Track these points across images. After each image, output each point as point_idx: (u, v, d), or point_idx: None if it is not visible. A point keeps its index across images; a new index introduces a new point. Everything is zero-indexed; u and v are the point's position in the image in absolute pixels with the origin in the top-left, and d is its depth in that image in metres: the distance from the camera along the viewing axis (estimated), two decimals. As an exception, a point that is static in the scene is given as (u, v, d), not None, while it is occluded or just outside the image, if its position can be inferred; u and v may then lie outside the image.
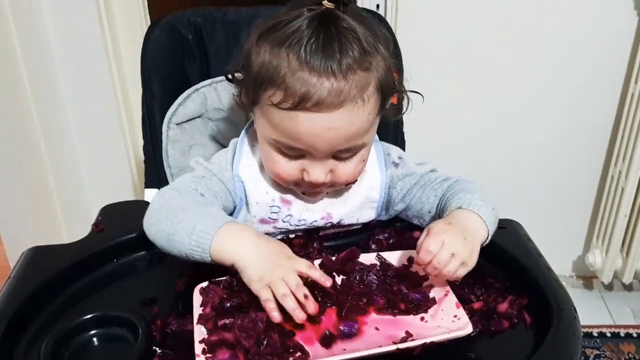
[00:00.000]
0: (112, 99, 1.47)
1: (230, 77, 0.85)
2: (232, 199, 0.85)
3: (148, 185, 1.04)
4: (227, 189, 0.84)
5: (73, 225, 1.58)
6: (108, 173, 1.58)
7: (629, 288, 1.80)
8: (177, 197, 0.78)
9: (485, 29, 1.42)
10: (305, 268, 0.70)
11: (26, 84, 1.37)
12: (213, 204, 0.80)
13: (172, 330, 0.69)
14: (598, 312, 1.73)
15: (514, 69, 1.47)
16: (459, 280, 0.72)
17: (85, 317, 0.69)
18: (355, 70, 0.72)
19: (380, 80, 0.75)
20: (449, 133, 1.54)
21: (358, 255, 0.77)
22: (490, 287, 0.75)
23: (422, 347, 0.64)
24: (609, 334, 1.64)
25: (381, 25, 0.96)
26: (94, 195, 1.60)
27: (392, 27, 1.22)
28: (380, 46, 0.76)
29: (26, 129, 1.41)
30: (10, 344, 0.67)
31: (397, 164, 0.89)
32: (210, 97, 1.00)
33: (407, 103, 0.85)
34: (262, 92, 0.75)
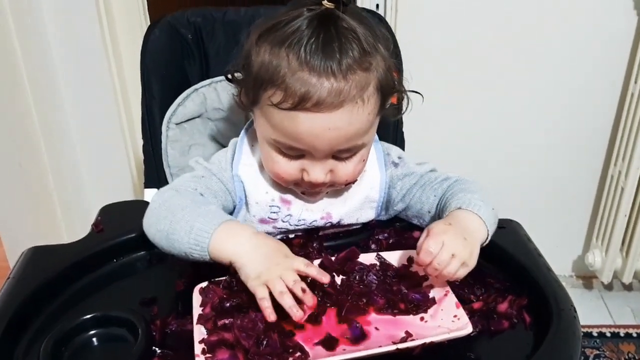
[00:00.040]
0: (111, 99, 1.48)
1: (230, 77, 0.85)
2: (231, 198, 0.85)
3: (148, 185, 1.04)
4: (226, 188, 0.84)
5: (73, 225, 1.58)
6: (108, 173, 1.58)
7: (628, 288, 1.80)
8: (176, 197, 0.78)
9: (484, 29, 1.42)
10: (303, 266, 0.70)
11: (26, 84, 1.37)
12: (212, 203, 0.80)
13: (171, 331, 0.69)
14: (598, 312, 1.73)
15: (513, 70, 1.47)
16: (459, 280, 0.72)
17: (85, 317, 0.69)
18: (355, 70, 0.72)
19: (380, 80, 0.75)
20: (448, 133, 1.54)
21: (358, 255, 0.77)
22: (490, 287, 0.75)
23: (421, 347, 0.64)
24: (608, 334, 1.64)
25: (381, 25, 0.96)
26: (94, 195, 1.60)
27: (392, 27, 1.22)
28: (380, 46, 0.76)
29: (26, 129, 1.41)
30: (10, 344, 0.67)
31: (397, 164, 0.89)
32: (209, 97, 1.00)
33: (407, 103, 0.85)
34: (262, 92, 0.75)
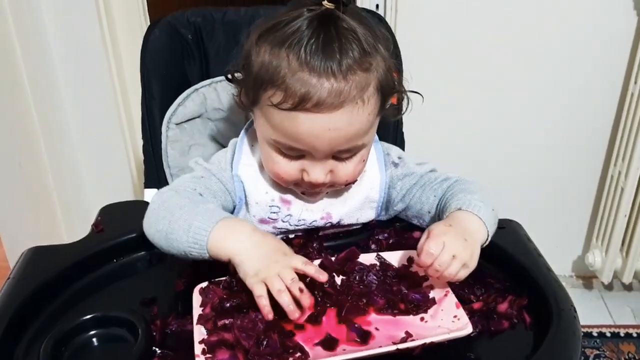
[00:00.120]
0: (111, 99, 1.48)
1: (230, 77, 0.85)
2: (231, 198, 0.85)
3: (148, 185, 1.04)
4: (226, 188, 0.84)
5: (73, 225, 1.58)
6: (108, 173, 1.58)
7: (628, 288, 1.79)
8: (174, 197, 0.78)
9: (484, 29, 1.42)
10: (301, 264, 0.70)
11: (26, 84, 1.37)
12: (210, 202, 0.80)
13: (171, 331, 0.69)
14: (598, 312, 1.73)
15: (513, 70, 1.47)
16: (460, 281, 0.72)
17: (85, 318, 0.69)
18: (355, 70, 0.72)
19: (380, 81, 0.75)
20: (448, 134, 1.54)
21: (358, 256, 0.77)
22: (490, 287, 0.75)
23: (422, 347, 0.64)
24: (608, 334, 1.64)
25: (381, 25, 0.96)
26: (94, 195, 1.60)
27: (392, 27, 1.22)
28: (380, 46, 0.76)
29: (26, 129, 1.41)
30: (10, 344, 0.67)
31: (397, 164, 0.89)
32: (209, 97, 1.00)
33: (407, 103, 0.85)
34: (262, 92, 0.75)
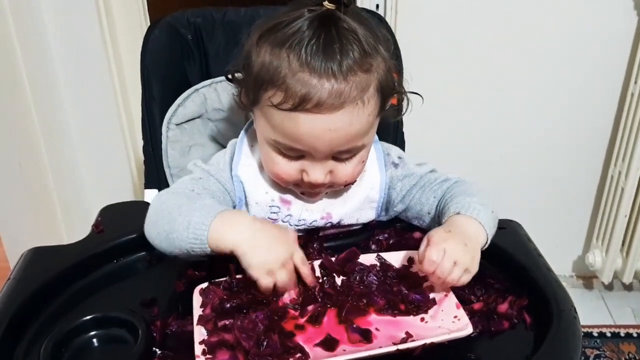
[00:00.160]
0: (112, 99, 1.47)
1: (230, 77, 0.85)
2: (230, 198, 0.85)
3: (148, 185, 1.04)
4: (224, 188, 0.84)
5: (73, 225, 1.58)
6: (108, 173, 1.58)
7: (629, 288, 1.79)
8: (172, 198, 0.78)
9: (484, 29, 1.42)
10: (299, 260, 0.72)
11: (26, 84, 1.37)
12: (207, 198, 0.80)
13: (172, 331, 0.69)
14: (598, 312, 1.73)
15: (513, 70, 1.47)
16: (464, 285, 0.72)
17: (85, 318, 0.69)
18: (356, 71, 0.72)
19: (380, 82, 0.75)
20: (448, 134, 1.54)
21: (358, 256, 0.77)
22: (490, 288, 0.75)
23: (422, 347, 0.64)
24: (609, 334, 1.64)
25: (381, 25, 0.96)
26: (94, 196, 1.60)
27: (392, 27, 1.21)
28: (381, 47, 0.76)
29: (26, 129, 1.41)
30: (10, 345, 0.67)
31: (397, 165, 0.89)
32: (210, 97, 1.00)
33: (407, 104, 0.85)
34: (262, 92, 0.75)
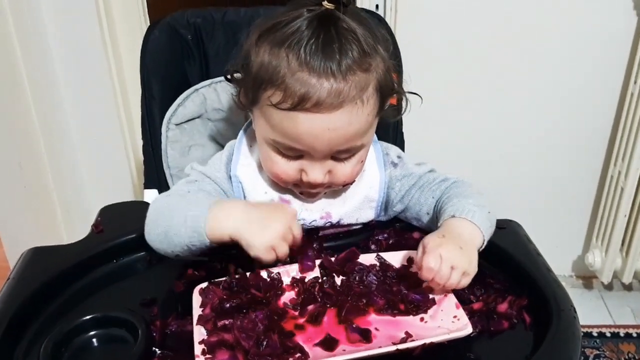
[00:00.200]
0: (111, 99, 1.48)
1: (229, 77, 0.85)
2: (227, 198, 0.85)
3: (147, 185, 1.04)
4: (221, 189, 0.84)
5: (73, 225, 1.58)
6: (108, 173, 1.58)
7: (628, 288, 1.79)
8: (167, 200, 0.79)
9: (484, 29, 1.42)
10: (297, 231, 0.74)
11: (26, 84, 1.37)
12: (200, 193, 0.81)
13: (171, 331, 0.69)
14: (598, 312, 1.73)
15: (513, 70, 1.47)
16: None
17: (85, 318, 0.69)
18: (355, 71, 0.72)
19: (379, 81, 0.76)
20: (448, 134, 1.54)
21: (358, 256, 0.77)
22: (490, 288, 0.75)
23: (421, 347, 0.64)
24: (608, 334, 1.64)
25: (380, 26, 0.96)
26: (94, 196, 1.60)
27: (391, 27, 1.22)
28: (380, 47, 0.76)
29: (26, 129, 1.41)
30: (10, 345, 0.67)
31: (396, 164, 0.89)
32: (209, 97, 1.00)
33: (406, 104, 0.85)
34: (261, 92, 0.75)
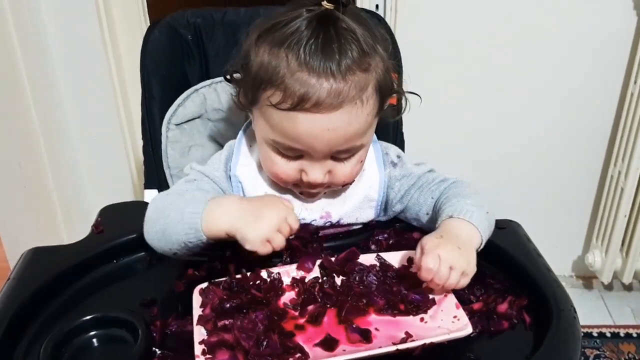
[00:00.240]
0: (111, 100, 1.47)
1: (229, 77, 0.85)
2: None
3: (148, 186, 1.04)
4: (219, 188, 0.85)
5: (73, 225, 1.58)
6: (108, 173, 1.58)
7: (628, 288, 1.79)
8: (165, 199, 0.80)
9: (484, 29, 1.42)
10: (293, 222, 0.73)
11: (26, 84, 1.37)
12: (197, 191, 0.81)
13: (171, 331, 0.69)
14: (598, 312, 1.73)
15: (513, 70, 1.47)
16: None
17: (85, 318, 0.69)
18: (355, 71, 0.72)
19: (379, 81, 0.76)
20: (448, 134, 1.54)
21: (358, 256, 0.77)
22: (490, 288, 0.75)
23: (421, 347, 0.64)
24: (608, 334, 1.64)
25: (380, 26, 0.96)
26: (94, 196, 1.60)
27: (391, 27, 1.21)
28: (379, 47, 0.76)
29: (26, 129, 1.41)
30: (10, 345, 0.67)
31: (396, 164, 0.89)
32: (209, 97, 1.00)
33: (405, 104, 0.85)
34: (261, 92, 0.75)
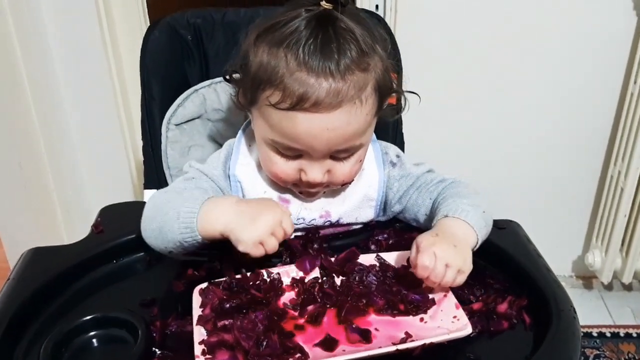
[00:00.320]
0: (111, 100, 1.47)
1: (228, 77, 0.85)
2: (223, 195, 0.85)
3: (147, 186, 1.04)
4: (218, 186, 0.85)
5: (73, 226, 1.58)
6: (108, 174, 1.58)
7: (628, 288, 1.79)
8: (163, 197, 0.80)
9: (484, 29, 1.42)
10: (288, 226, 0.73)
11: (26, 84, 1.37)
12: (196, 190, 0.81)
13: (171, 332, 0.69)
14: (598, 312, 1.73)
15: (513, 70, 1.46)
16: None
17: (85, 319, 0.69)
18: (353, 70, 0.72)
19: (378, 81, 0.76)
20: (448, 134, 1.54)
21: (357, 256, 0.77)
22: (490, 288, 0.75)
23: (421, 348, 0.64)
24: (608, 334, 1.64)
25: (379, 26, 0.96)
26: (94, 196, 1.60)
27: (391, 28, 1.22)
28: (378, 47, 0.76)
29: (26, 129, 1.41)
30: (10, 345, 0.67)
31: (395, 164, 0.89)
32: (209, 98, 1.00)
33: (404, 104, 0.85)
34: (260, 92, 0.76)
